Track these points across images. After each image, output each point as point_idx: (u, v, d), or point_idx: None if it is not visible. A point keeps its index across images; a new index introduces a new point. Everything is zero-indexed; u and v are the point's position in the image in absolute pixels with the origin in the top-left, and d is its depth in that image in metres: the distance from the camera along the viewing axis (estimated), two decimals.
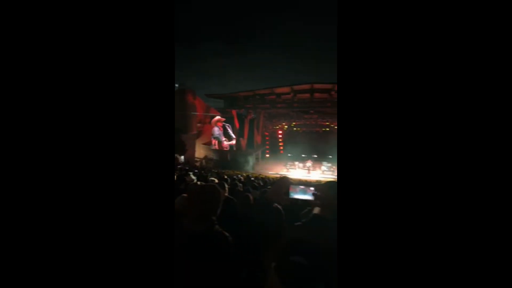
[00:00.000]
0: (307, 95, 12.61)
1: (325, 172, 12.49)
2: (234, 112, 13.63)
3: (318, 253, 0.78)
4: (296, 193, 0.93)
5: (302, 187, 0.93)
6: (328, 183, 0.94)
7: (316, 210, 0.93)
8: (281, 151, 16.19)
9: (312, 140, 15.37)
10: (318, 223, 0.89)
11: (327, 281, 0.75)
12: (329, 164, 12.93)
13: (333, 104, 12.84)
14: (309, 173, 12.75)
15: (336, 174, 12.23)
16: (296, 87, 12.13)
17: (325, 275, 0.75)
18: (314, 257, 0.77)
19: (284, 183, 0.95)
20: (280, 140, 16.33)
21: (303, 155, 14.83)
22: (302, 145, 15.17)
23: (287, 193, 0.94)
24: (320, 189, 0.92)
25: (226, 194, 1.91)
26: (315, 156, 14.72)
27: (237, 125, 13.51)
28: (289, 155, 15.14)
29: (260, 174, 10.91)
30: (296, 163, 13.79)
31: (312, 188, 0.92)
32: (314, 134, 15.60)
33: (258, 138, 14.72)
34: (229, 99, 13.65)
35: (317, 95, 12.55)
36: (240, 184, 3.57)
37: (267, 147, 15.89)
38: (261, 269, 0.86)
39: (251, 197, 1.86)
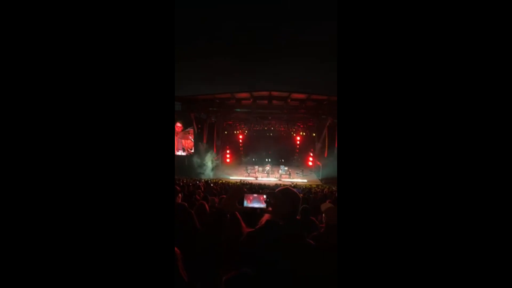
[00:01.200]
0: (266, 101, 13.10)
1: (282, 176, 13.12)
2: (192, 115, 13.11)
3: (269, 262, 0.83)
4: (250, 201, 0.97)
5: (255, 195, 0.97)
6: (280, 190, 1.01)
7: (268, 216, 0.98)
8: (242, 156, 16.31)
9: (271, 145, 15.98)
10: (271, 228, 0.94)
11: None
12: (286, 168, 13.66)
13: (289, 111, 13.64)
14: (268, 177, 13.18)
15: (291, 177, 12.99)
16: (255, 93, 12.47)
17: (274, 283, 0.80)
18: (265, 265, 0.81)
19: (238, 193, 0.97)
20: (240, 144, 16.44)
21: (263, 160, 15.28)
22: (262, 150, 15.63)
23: (241, 202, 0.96)
24: (271, 196, 0.97)
25: (179, 201, 1.83)
26: (275, 160, 15.36)
27: (196, 129, 13.04)
28: (252, 159, 15.40)
29: (220, 180, 10.73)
30: (256, 167, 14.09)
31: (264, 196, 0.98)
32: (273, 139, 16.25)
33: (218, 143, 14.49)
34: (187, 102, 13.08)
35: (275, 102, 13.15)
36: (198, 191, 3.45)
37: (228, 151, 15.78)
38: (215, 283, 0.86)
39: (207, 206, 1.82)
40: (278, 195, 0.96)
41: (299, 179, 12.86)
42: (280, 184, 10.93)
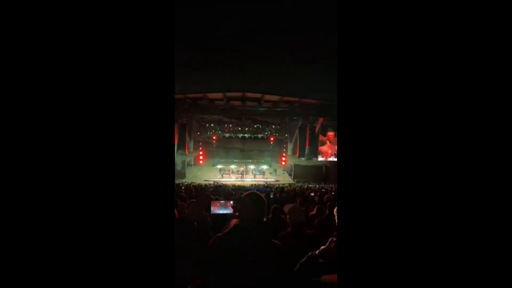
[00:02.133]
0: (239, 102, 13.11)
1: (256, 176, 13.26)
2: None
3: (236, 264, 0.85)
4: (217, 208, 0.98)
5: (222, 202, 0.99)
6: (246, 195, 1.04)
7: (236, 221, 1.01)
8: (215, 158, 16.04)
9: (245, 146, 16.03)
10: (238, 232, 0.96)
11: None
12: (260, 168, 13.86)
13: (262, 112, 13.86)
14: (243, 177, 13.19)
15: (265, 177, 13.22)
16: (228, 94, 12.38)
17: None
18: (230, 270, 0.83)
19: (205, 200, 0.98)
20: (214, 145, 16.15)
21: (236, 161, 15.24)
22: (236, 151, 15.59)
23: (208, 209, 0.97)
24: (238, 202, 1.00)
25: None
26: (249, 161, 15.44)
27: None
28: (226, 160, 15.23)
29: (192, 183, 10.39)
30: (231, 168, 14.00)
31: (231, 202, 1.00)
32: (247, 140, 16.32)
33: (190, 144, 14.02)
34: None
35: (249, 103, 13.23)
36: None
37: (201, 153, 15.37)
38: None
39: (176, 212, 1.77)
40: (245, 200, 0.99)
41: (272, 179, 13.14)
42: (255, 184, 11.03)
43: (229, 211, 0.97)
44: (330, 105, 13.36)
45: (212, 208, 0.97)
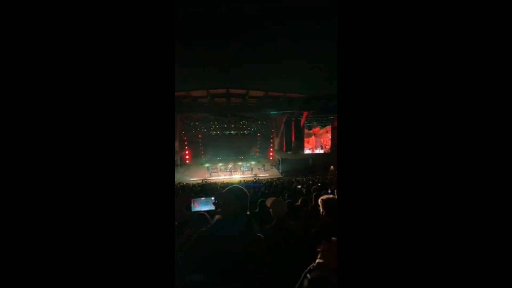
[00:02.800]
0: (224, 99, 12.94)
1: (245, 172, 13.28)
2: None
3: (219, 262, 0.84)
4: (198, 206, 0.96)
5: (203, 199, 0.97)
6: (227, 190, 1.03)
7: (218, 216, 1.00)
8: (202, 156, 15.81)
9: (232, 143, 15.92)
10: (221, 227, 0.95)
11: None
12: (248, 164, 13.87)
13: (248, 109, 13.80)
14: (231, 175, 13.15)
15: (254, 173, 13.28)
16: (212, 91, 12.17)
17: (228, 283, 0.82)
18: (215, 267, 0.83)
19: (184, 198, 0.95)
20: (200, 144, 15.89)
21: (224, 158, 15.14)
22: (223, 148, 15.45)
23: (189, 207, 0.95)
24: (219, 197, 0.99)
25: None
26: (237, 157, 15.39)
27: None
28: (214, 158, 15.07)
29: (180, 183, 10.19)
30: (218, 166, 13.88)
31: (212, 198, 0.98)
32: (234, 137, 16.22)
33: (175, 144, 13.68)
34: None
35: (233, 99, 13.10)
36: None
37: (187, 152, 15.06)
38: None
39: None
40: (226, 195, 0.98)
41: (261, 174, 13.22)
42: (244, 180, 11.04)
43: (211, 207, 0.96)
44: (314, 99, 13.59)
45: (192, 206, 0.95)
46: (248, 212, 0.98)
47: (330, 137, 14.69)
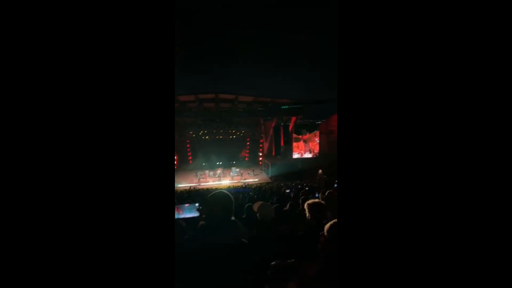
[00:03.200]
0: (212, 104, 12.88)
1: (234, 177, 13.17)
2: None
3: (202, 267, 0.83)
4: (182, 212, 0.94)
5: (186, 205, 0.96)
6: (211, 195, 1.02)
7: (202, 222, 0.99)
8: (190, 161, 15.53)
9: (221, 148, 15.79)
10: (205, 232, 0.94)
11: None
12: (238, 169, 13.78)
13: (237, 114, 13.81)
14: (220, 180, 12.99)
15: (243, 178, 13.21)
16: (201, 96, 12.09)
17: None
18: (197, 272, 0.81)
19: None
20: (188, 150, 15.63)
21: (213, 163, 14.96)
22: (212, 153, 15.28)
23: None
24: (203, 203, 0.98)
25: None
26: (226, 162, 15.26)
27: None
28: (202, 164, 14.83)
29: None
30: (207, 172, 13.68)
31: (197, 204, 0.97)
32: (223, 141, 16.12)
33: None
34: None
35: (222, 104, 13.07)
36: None
37: (175, 158, 14.74)
38: None
39: None
40: (209, 201, 0.98)
41: (250, 179, 13.17)
42: (233, 186, 10.93)
43: (195, 214, 0.95)
44: (302, 105, 13.86)
45: (176, 214, 0.93)
46: (233, 217, 0.97)
47: (318, 141, 14.98)
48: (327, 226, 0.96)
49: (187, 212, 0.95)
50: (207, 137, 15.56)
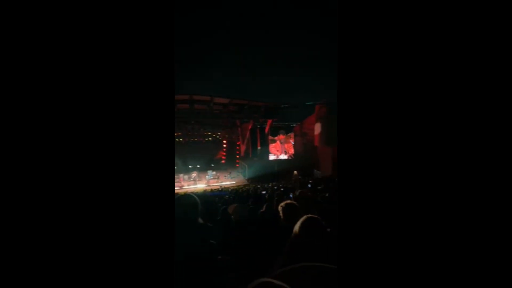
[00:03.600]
0: (187, 105, 12.51)
1: (210, 181, 12.89)
2: None
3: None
4: None
5: None
6: (176, 199, 0.99)
7: None
8: None
9: (195, 151, 15.35)
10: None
11: None
12: (214, 172, 13.51)
13: (213, 115, 13.62)
14: (195, 184, 12.60)
15: (220, 181, 13.00)
16: (175, 97, 11.66)
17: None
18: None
19: None
20: None
21: (187, 167, 14.47)
22: (186, 156, 14.76)
23: None
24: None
25: None
26: (201, 165, 14.85)
27: None
28: (175, 168, 14.23)
29: None
30: (181, 175, 13.17)
31: None
32: (197, 144, 15.71)
33: None
34: None
35: (197, 106, 12.77)
36: None
37: None
38: None
39: None
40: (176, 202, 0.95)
41: (227, 182, 13.02)
42: (210, 189, 10.68)
43: None
44: (277, 107, 14.21)
45: None
46: (200, 220, 0.97)
47: (293, 143, 15.46)
48: (297, 224, 0.99)
49: None
50: (181, 139, 15.02)
